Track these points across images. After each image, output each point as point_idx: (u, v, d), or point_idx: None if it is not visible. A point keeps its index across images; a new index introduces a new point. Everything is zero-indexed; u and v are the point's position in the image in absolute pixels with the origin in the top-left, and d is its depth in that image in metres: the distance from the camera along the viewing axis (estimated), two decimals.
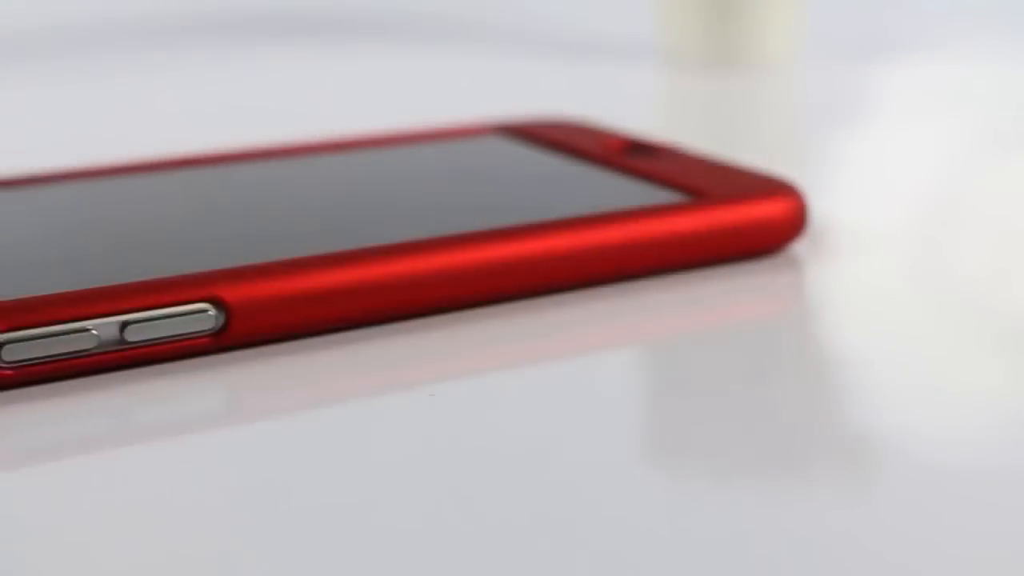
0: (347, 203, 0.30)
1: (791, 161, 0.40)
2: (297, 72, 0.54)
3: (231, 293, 0.25)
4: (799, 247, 0.31)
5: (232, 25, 0.67)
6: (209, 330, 0.25)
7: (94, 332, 0.24)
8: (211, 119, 0.46)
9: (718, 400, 0.23)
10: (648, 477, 0.20)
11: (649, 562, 0.18)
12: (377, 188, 0.31)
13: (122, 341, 0.24)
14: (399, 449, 0.21)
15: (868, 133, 0.43)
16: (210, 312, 0.24)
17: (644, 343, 0.26)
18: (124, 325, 0.24)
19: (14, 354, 0.23)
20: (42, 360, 0.23)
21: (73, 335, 0.23)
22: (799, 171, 0.38)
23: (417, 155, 0.34)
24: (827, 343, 0.26)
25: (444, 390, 0.23)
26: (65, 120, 0.46)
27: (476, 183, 0.31)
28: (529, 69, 0.55)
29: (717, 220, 0.29)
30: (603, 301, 0.28)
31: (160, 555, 0.18)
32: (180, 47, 0.61)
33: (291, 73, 0.54)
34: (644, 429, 0.22)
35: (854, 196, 0.36)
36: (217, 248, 0.26)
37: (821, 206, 0.35)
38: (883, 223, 0.33)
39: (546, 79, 0.52)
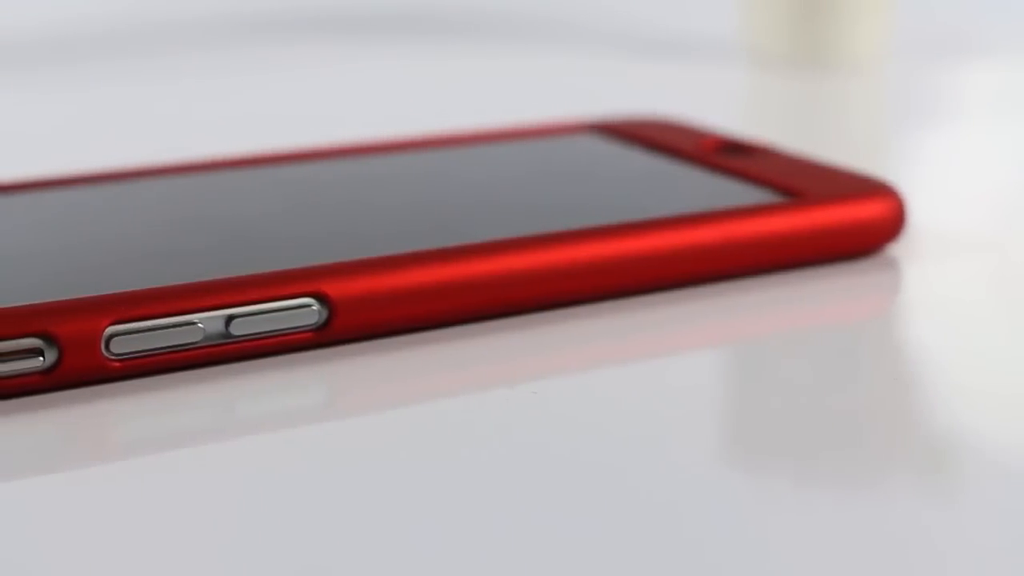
0: (444, 200, 0.30)
1: (880, 162, 0.39)
2: (391, 70, 0.55)
3: (335, 288, 0.25)
4: (896, 249, 0.31)
5: (325, 23, 0.68)
6: (312, 325, 0.25)
7: (200, 325, 0.24)
8: (304, 116, 0.46)
9: (810, 401, 0.23)
10: (734, 477, 0.20)
11: (734, 561, 0.18)
12: (474, 185, 0.31)
13: (227, 335, 0.24)
14: (500, 446, 0.21)
15: (957, 133, 0.43)
16: (313, 307, 0.25)
17: (739, 343, 0.25)
18: (230, 319, 0.24)
19: (122, 346, 0.23)
20: (149, 353, 0.24)
21: (180, 328, 0.24)
22: (888, 172, 0.38)
23: (513, 152, 0.34)
24: (922, 346, 0.25)
25: (545, 387, 0.23)
26: (153, 116, 0.46)
27: (572, 181, 0.31)
28: (616, 68, 0.54)
29: (816, 220, 0.29)
30: (700, 301, 0.28)
31: (260, 547, 0.18)
32: (270, 44, 0.61)
33: (387, 71, 0.54)
34: (735, 429, 0.22)
35: (946, 197, 0.35)
36: (317, 243, 0.27)
37: (914, 207, 0.34)
38: (978, 225, 0.33)
39: (633, 78, 0.52)
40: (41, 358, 0.23)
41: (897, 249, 0.31)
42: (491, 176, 0.32)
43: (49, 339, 0.23)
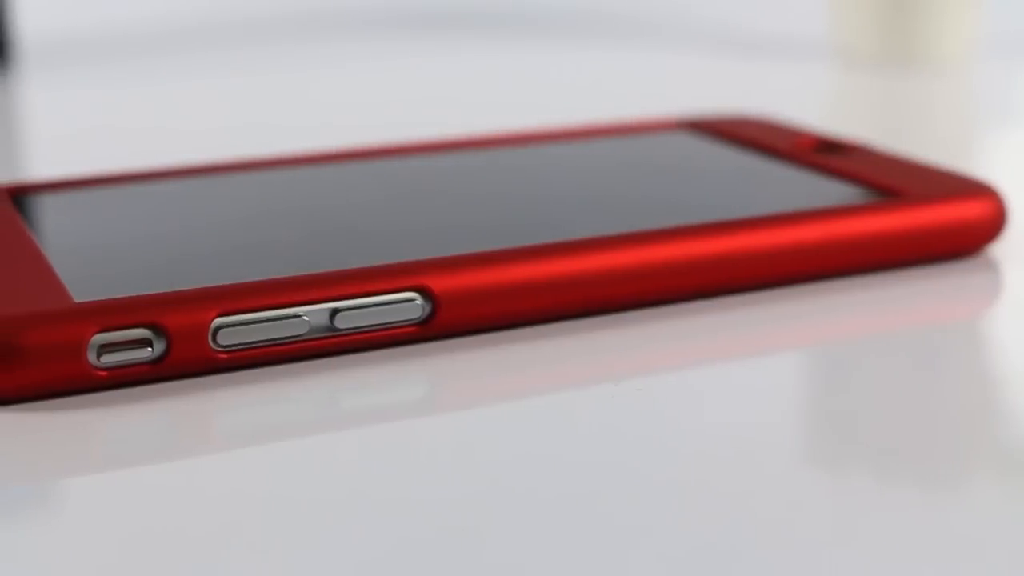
0: (543, 196, 0.30)
1: (971, 161, 0.39)
2: (484, 66, 0.55)
3: (438, 283, 0.25)
4: (996, 249, 0.31)
5: (421, 19, 0.68)
6: (415, 319, 0.25)
7: (305, 318, 0.24)
8: (398, 110, 0.46)
9: (904, 402, 0.23)
10: (821, 477, 0.20)
11: (813, 560, 0.18)
12: (572, 182, 0.31)
13: (331, 328, 0.24)
14: (604, 442, 0.21)
15: None
16: (417, 301, 0.25)
17: (835, 344, 0.25)
18: (334, 312, 0.24)
19: (229, 338, 0.23)
20: (254, 345, 0.24)
21: (286, 321, 0.24)
22: (980, 172, 0.38)
23: (608, 149, 0.34)
24: (1022, 349, 0.25)
25: (649, 384, 0.23)
26: (256, 109, 0.47)
27: (669, 178, 0.31)
28: (706, 67, 0.54)
29: (916, 220, 0.29)
30: (799, 300, 0.27)
31: (361, 539, 0.18)
32: (372, 39, 0.62)
33: (478, 66, 0.55)
34: (827, 429, 0.22)
35: None
36: (416, 237, 0.27)
37: (1012, 208, 0.34)
38: None
39: (723, 77, 0.52)
40: (150, 349, 0.23)
41: (997, 250, 0.31)
42: (588, 172, 0.32)
43: (158, 330, 0.23)
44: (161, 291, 0.24)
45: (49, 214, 0.29)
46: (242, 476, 0.20)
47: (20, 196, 0.30)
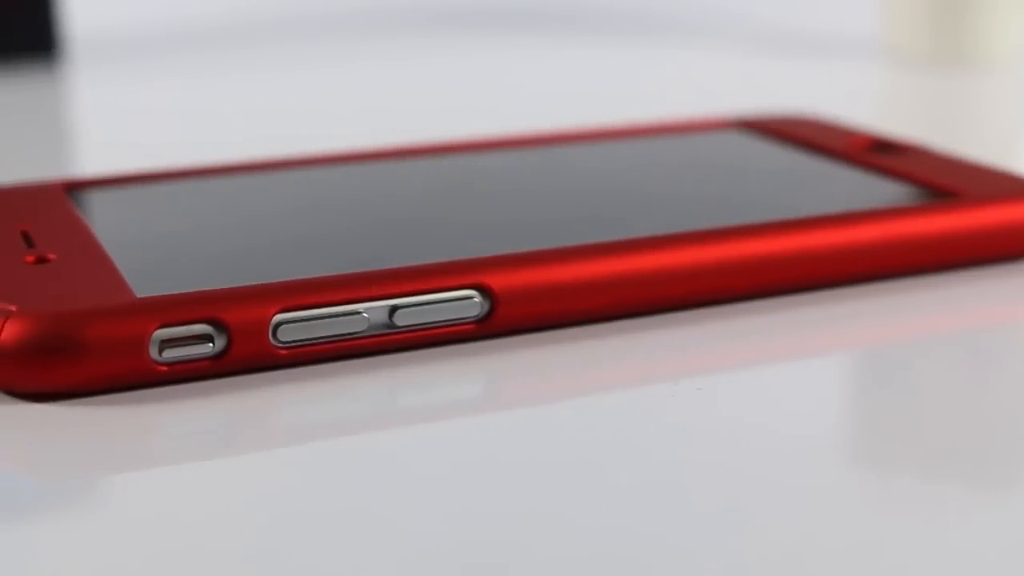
0: (597, 194, 0.30)
1: (1021, 161, 0.39)
2: (537, 64, 0.55)
3: (497, 281, 0.25)
4: None
5: (477, 17, 0.68)
6: (473, 317, 0.25)
7: (365, 315, 0.24)
8: (449, 108, 0.46)
9: (956, 404, 0.23)
10: (870, 478, 0.20)
11: (858, 561, 0.18)
12: (626, 180, 0.31)
13: (390, 325, 0.24)
14: (659, 442, 0.21)
15: None
16: (475, 299, 0.25)
17: (890, 345, 0.25)
18: (393, 309, 0.24)
19: (289, 334, 0.24)
20: (314, 341, 0.24)
21: (345, 318, 0.24)
22: None
23: (662, 148, 0.34)
24: None
25: (700, 384, 0.23)
26: (306, 105, 0.47)
27: (724, 177, 0.31)
28: (756, 67, 0.54)
29: (973, 221, 0.29)
30: (854, 301, 0.27)
31: (418, 535, 0.19)
32: (427, 36, 0.62)
33: (532, 65, 0.55)
34: (879, 430, 0.22)
35: None
36: (471, 234, 0.27)
37: None
38: None
39: (773, 77, 0.52)
40: (211, 344, 0.23)
41: None
42: (643, 171, 0.32)
43: (219, 326, 0.23)
44: (222, 287, 0.24)
45: (106, 209, 0.29)
46: (300, 472, 0.20)
47: (76, 191, 0.30)
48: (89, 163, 0.39)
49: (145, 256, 0.26)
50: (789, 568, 0.18)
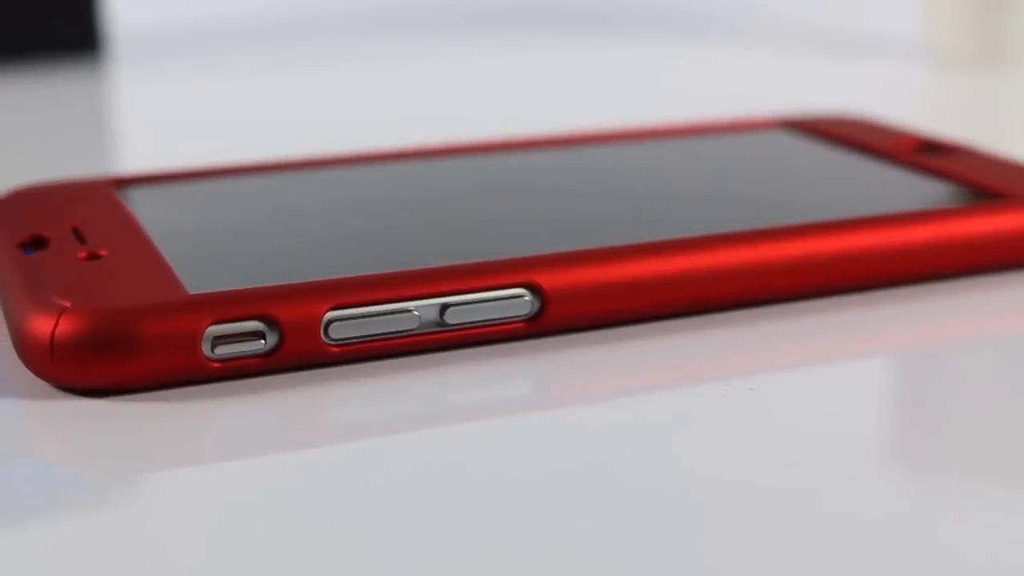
0: (644, 194, 0.30)
1: None
2: (578, 64, 0.55)
3: (547, 280, 0.25)
4: None
5: (512, 16, 0.68)
6: (524, 315, 0.25)
7: (416, 313, 0.24)
8: (499, 106, 0.46)
9: (1012, 408, 0.23)
10: (911, 479, 0.20)
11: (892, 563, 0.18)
12: (673, 180, 0.31)
13: (441, 323, 0.24)
14: (711, 442, 0.21)
15: None
16: (526, 297, 0.25)
17: (940, 346, 0.25)
18: (444, 307, 0.24)
19: (340, 332, 0.24)
20: (365, 339, 0.24)
21: (396, 316, 0.24)
22: None
23: (708, 148, 0.34)
24: None
25: (751, 384, 0.23)
26: (350, 103, 0.47)
27: (772, 178, 0.31)
28: (798, 66, 0.54)
29: (1021, 222, 0.29)
30: (899, 302, 0.27)
31: (467, 533, 0.19)
32: (473, 34, 0.62)
33: (576, 65, 0.55)
34: (930, 432, 0.22)
35: None
36: (519, 233, 0.27)
37: None
38: None
39: (815, 76, 0.52)
40: (263, 341, 0.23)
41: None
42: (690, 171, 0.32)
43: (271, 323, 0.23)
44: (274, 284, 0.24)
45: (155, 206, 0.29)
46: (351, 469, 0.20)
47: (125, 187, 0.30)
48: (133, 160, 0.39)
49: (196, 253, 0.26)
50: (837, 569, 0.18)
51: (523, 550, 0.18)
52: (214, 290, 0.24)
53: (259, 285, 0.24)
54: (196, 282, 0.24)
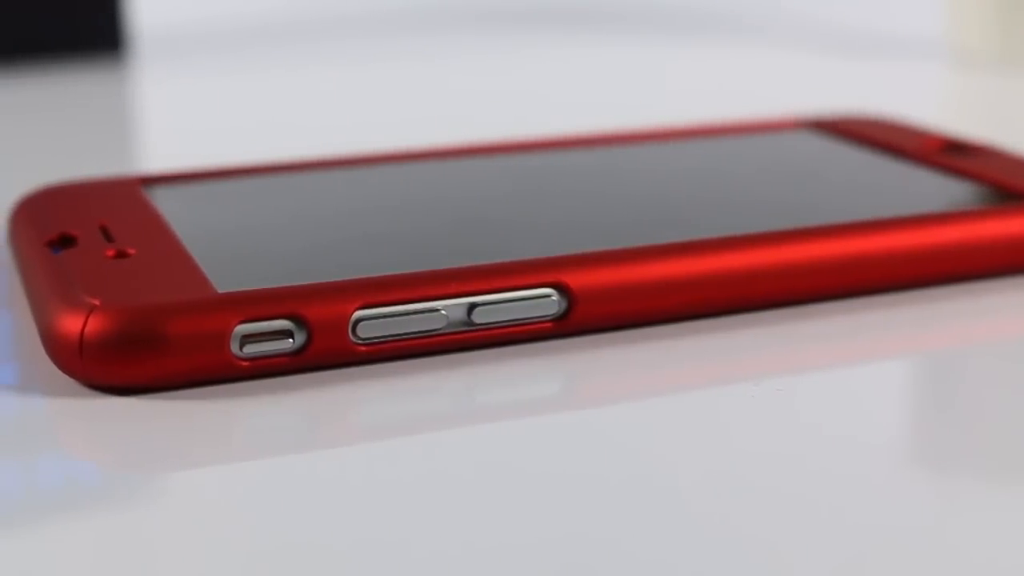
0: (670, 194, 0.30)
1: None
2: (597, 63, 0.55)
3: (575, 279, 0.25)
4: None
5: (533, 16, 0.68)
6: (551, 315, 0.25)
7: (443, 312, 0.24)
8: (520, 106, 0.46)
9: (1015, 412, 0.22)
10: (943, 482, 0.20)
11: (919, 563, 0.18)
12: (699, 180, 0.31)
13: (468, 323, 0.24)
14: (734, 441, 0.21)
15: None
16: (553, 297, 0.25)
17: (963, 347, 0.25)
18: (472, 307, 0.24)
19: (368, 331, 0.24)
20: (393, 338, 0.24)
21: (424, 315, 0.24)
22: None
23: (733, 148, 0.34)
24: None
25: (779, 385, 0.23)
26: (374, 101, 0.47)
27: (798, 178, 0.31)
28: (821, 66, 0.54)
29: None
30: (927, 303, 0.27)
31: (495, 534, 0.19)
32: (492, 33, 0.62)
33: (593, 64, 0.55)
34: (958, 434, 0.21)
35: None
36: (545, 233, 0.27)
37: None
38: None
39: (838, 76, 0.52)
40: (291, 340, 0.23)
41: None
42: (716, 171, 0.32)
43: (300, 322, 0.23)
44: (303, 283, 0.24)
45: (181, 204, 0.29)
46: (378, 468, 0.20)
47: (151, 186, 0.31)
48: (155, 159, 0.40)
49: (223, 251, 0.26)
50: (866, 571, 0.18)
51: (550, 551, 0.18)
52: (242, 289, 0.24)
53: (287, 284, 0.24)
54: (224, 281, 0.24)
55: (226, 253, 0.26)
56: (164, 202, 0.29)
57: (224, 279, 0.24)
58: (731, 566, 0.18)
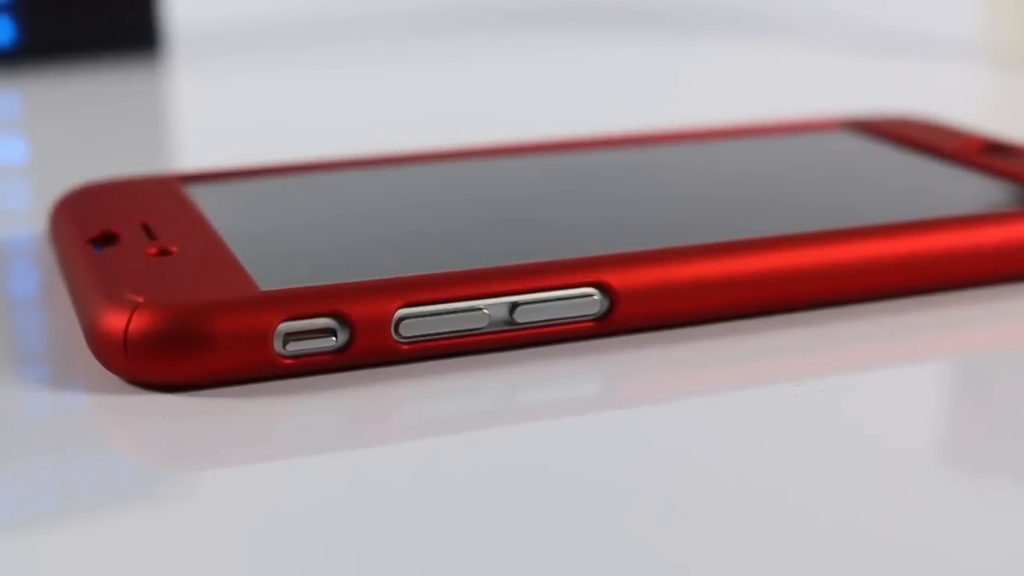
0: (710, 194, 0.30)
1: None
2: (633, 63, 0.55)
3: (617, 279, 0.25)
4: None
5: (571, 15, 0.68)
6: (593, 315, 0.25)
7: (486, 312, 0.24)
8: (561, 106, 0.46)
9: None
10: (985, 484, 0.20)
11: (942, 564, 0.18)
12: (739, 180, 0.31)
13: (510, 322, 0.24)
14: (777, 442, 0.21)
15: None
16: (595, 297, 0.25)
17: (1005, 348, 0.25)
18: (514, 306, 0.24)
19: (411, 329, 0.24)
20: (435, 337, 0.24)
21: (466, 314, 0.24)
22: None
23: (771, 148, 0.34)
24: None
25: (817, 385, 0.23)
26: (411, 100, 0.47)
27: (837, 179, 0.31)
28: (857, 67, 0.54)
29: None
30: (972, 304, 0.27)
31: (534, 533, 0.19)
32: (534, 33, 0.62)
33: (626, 64, 0.55)
34: (996, 436, 0.21)
35: None
36: (586, 232, 0.27)
37: None
38: None
39: (874, 77, 0.52)
40: (334, 338, 0.23)
41: None
42: (755, 171, 0.32)
43: (343, 320, 0.23)
44: (346, 281, 0.24)
45: (222, 202, 0.29)
46: (421, 467, 0.20)
47: (191, 184, 0.31)
48: (192, 157, 0.40)
49: (265, 249, 0.26)
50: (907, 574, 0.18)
51: (589, 551, 0.18)
52: (285, 287, 0.24)
53: (329, 282, 0.24)
54: (267, 279, 0.24)
55: (268, 251, 0.26)
56: (204, 200, 0.29)
57: (266, 277, 0.24)
58: (773, 569, 0.18)
